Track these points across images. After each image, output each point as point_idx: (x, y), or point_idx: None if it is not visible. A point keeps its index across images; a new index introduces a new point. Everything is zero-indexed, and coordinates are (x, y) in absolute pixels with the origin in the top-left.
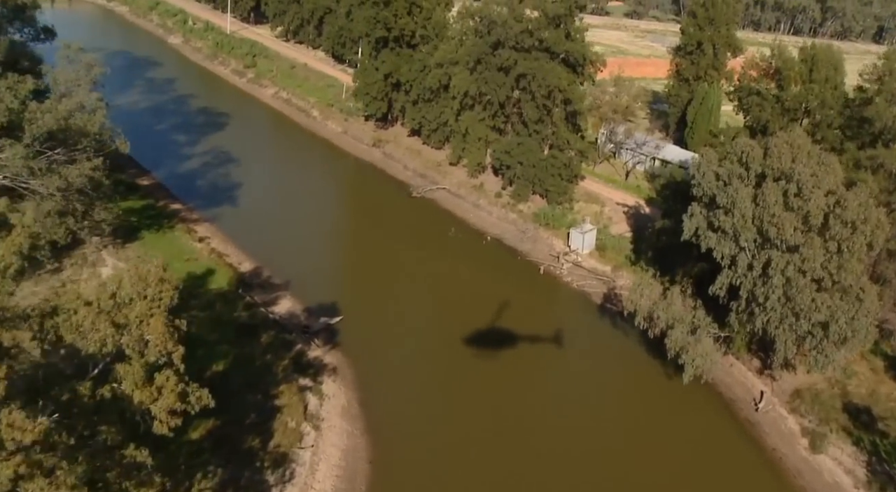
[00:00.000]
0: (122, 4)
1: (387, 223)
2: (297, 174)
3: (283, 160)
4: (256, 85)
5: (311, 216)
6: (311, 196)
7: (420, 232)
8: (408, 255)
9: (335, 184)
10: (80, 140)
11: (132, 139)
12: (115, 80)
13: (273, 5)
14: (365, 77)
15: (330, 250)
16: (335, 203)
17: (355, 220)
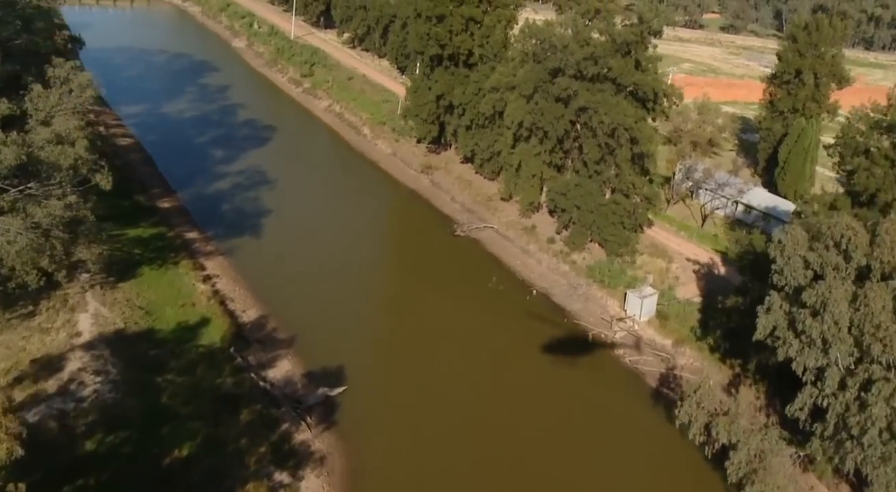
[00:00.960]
0: (195, 4)
1: (422, 266)
2: (334, 202)
3: (321, 184)
4: (311, 96)
5: (337, 254)
6: (343, 229)
7: (457, 279)
8: (439, 307)
9: (373, 215)
10: (54, 174)
11: (166, 154)
12: (168, 85)
13: (340, 11)
14: (416, 97)
15: (351, 297)
16: (368, 239)
17: (387, 260)
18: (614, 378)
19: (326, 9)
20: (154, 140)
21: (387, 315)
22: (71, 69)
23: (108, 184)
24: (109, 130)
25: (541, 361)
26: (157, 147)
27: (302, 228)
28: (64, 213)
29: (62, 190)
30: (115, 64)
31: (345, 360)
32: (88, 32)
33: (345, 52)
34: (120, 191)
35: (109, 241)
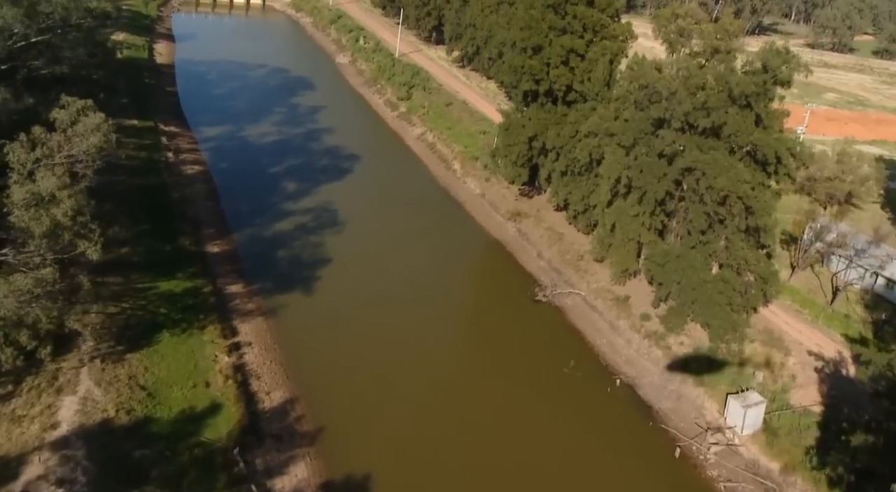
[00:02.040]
0: (307, 15)
1: (492, 340)
2: (405, 252)
3: (396, 229)
4: (405, 122)
5: (396, 318)
6: (408, 287)
7: (530, 358)
8: (503, 395)
9: (446, 271)
10: (28, 242)
11: (234, 185)
12: (258, 104)
13: (450, 28)
14: (508, 136)
15: (401, 376)
16: (436, 301)
17: (452, 329)
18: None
19: (439, 23)
20: (225, 168)
21: (438, 401)
22: (82, 108)
23: (96, 253)
24: (179, 157)
25: (614, 476)
26: (226, 176)
27: (362, 283)
28: (35, 288)
29: (42, 258)
30: (209, 79)
31: (378, 465)
32: (194, 43)
33: (450, 72)
34: (165, 232)
35: (132, 298)
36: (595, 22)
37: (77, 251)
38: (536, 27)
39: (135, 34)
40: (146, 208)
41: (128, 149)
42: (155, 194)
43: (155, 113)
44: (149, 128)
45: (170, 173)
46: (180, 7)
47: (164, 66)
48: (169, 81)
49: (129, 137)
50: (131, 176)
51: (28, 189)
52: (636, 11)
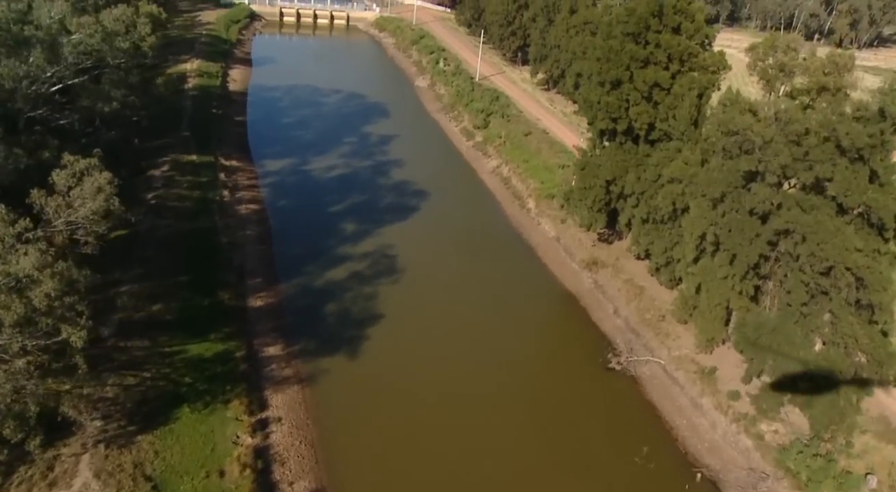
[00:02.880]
0: (390, 35)
1: (556, 415)
2: (467, 306)
3: (458, 279)
4: (480, 153)
5: (449, 389)
6: (466, 350)
7: (597, 441)
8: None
9: (512, 329)
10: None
11: (289, 227)
12: (327, 134)
13: (535, 48)
14: (583, 177)
15: (448, 462)
16: (497, 366)
17: (512, 400)
18: None
19: (524, 43)
20: (283, 206)
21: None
22: (87, 167)
23: (81, 341)
24: (236, 194)
25: None
26: (282, 217)
27: (415, 345)
28: (5, 384)
29: (21, 344)
30: (280, 106)
31: None
32: (271, 68)
33: (533, 96)
34: (206, 284)
35: (155, 365)
36: (682, 51)
37: (59, 338)
38: (615, 59)
39: (210, 61)
40: (190, 256)
41: (181, 187)
42: (202, 239)
43: (218, 146)
44: (208, 163)
45: (222, 214)
46: (262, 29)
47: (235, 94)
48: (238, 110)
49: (185, 174)
50: (179, 219)
51: (1, 270)
52: (741, 24)
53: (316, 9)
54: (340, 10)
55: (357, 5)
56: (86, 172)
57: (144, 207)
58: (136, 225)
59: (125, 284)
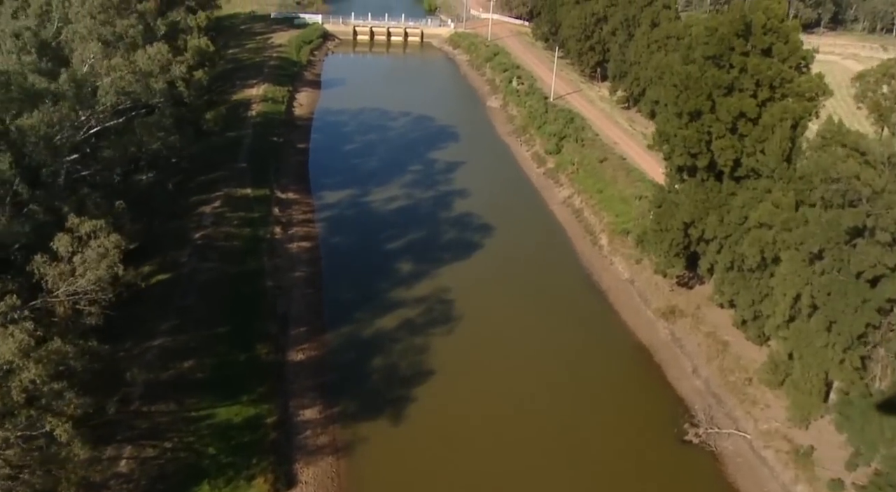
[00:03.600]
0: (464, 53)
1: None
2: (526, 361)
3: (519, 328)
4: (551, 181)
5: (503, 465)
6: (524, 415)
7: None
8: None
9: (576, 389)
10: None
11: (342, 268)
12: (391, 161)
13: (614, 65)
14: (660, 216)
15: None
16: (558, 435)
17: (570, 473)
18: None
19: (603, 59)
20: (337, 244)
21: None
22: (93, 229)
23: (66, 434)
24: (289, 231)
25: None
26: (335, 256)
27: (467, 408)
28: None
29: (3, 437)
30: (345, 132)
31: None
32: (339, 90)
33: (611, 117)
34: (245, 336)
35: (178, 432)
36: (773, 76)
37: (41, 430)
38: (694, 86)
39: (277, 85)
40: (232, 303)
41: (231, 225)
42: (247, 283)
43: (275, 177)
44: (262, 197)
45: (272, 254)
46: (335, 49)
47: (300, 119)
48: (302, 137)
49: (237, 210)
50: (225, 261)
51: None
52: (845, 27)
53: (390, 26)
54: (414, 27)
55: (432, 21)
56: (92, 235)
57: (190, 248)
58: (179, 268)
59: (159, 338)
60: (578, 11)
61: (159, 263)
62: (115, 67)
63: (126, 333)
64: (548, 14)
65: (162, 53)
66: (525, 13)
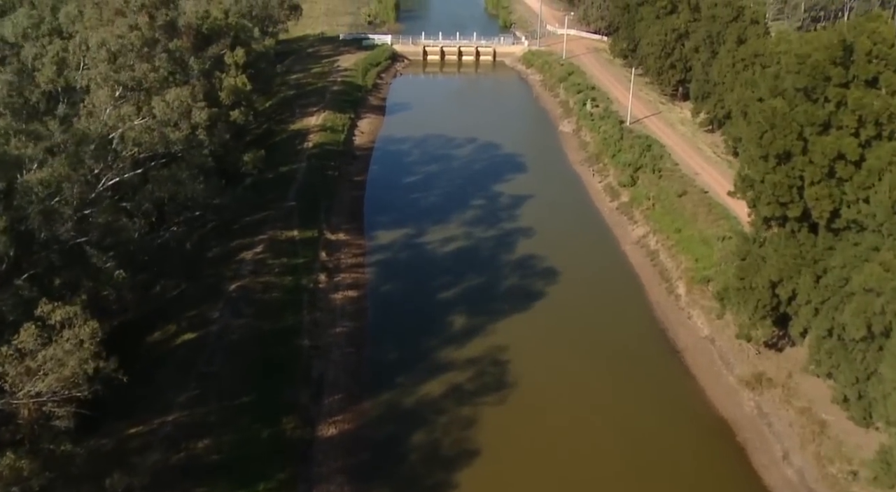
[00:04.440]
0: (537, 72)
1: None
2: (585, 439)
3: (581, 395)
4: (624, 217)
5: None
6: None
7: None
8: None
9: (642, 475)
10: None
11: (389, 321)
12: (452, 196)
13: (696, 85)
14: (742, 272)
15: None
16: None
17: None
18: None
19: (686, 77)
20: (386, 293)
21: None
22: (67, 317)
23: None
24: (335, 278)
25: None
26: (382, 307)
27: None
28: None
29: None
30: (406, 162)
31: None
32: (404, 115)
33: (693, 142)
34: (270, 407)
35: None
36: (880, 111)
37: None
38: (783, 124)
39: (338, 112)
40: (262, 367)
41: (271, 273)
42: (281, 342)
43: (326, 216)
44: (309, 239)
45: (313, 307)
46: (404, 70)
47: (360, 149)
48: (360, 168)
49: (280, 255)
50: (260, 316)
51: None
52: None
53: (461, 45)
54: (486, 46)
55: (505, 39)
56: (66, 324)
57: (224, 302)
58: (208, 325)
59: (174, 412)
60: (658, 27)
61: (189, 320)
62: (125, 117)
63: (139, 406)
64: (626, 30)
65: (181, 99)
66: (603, 27)
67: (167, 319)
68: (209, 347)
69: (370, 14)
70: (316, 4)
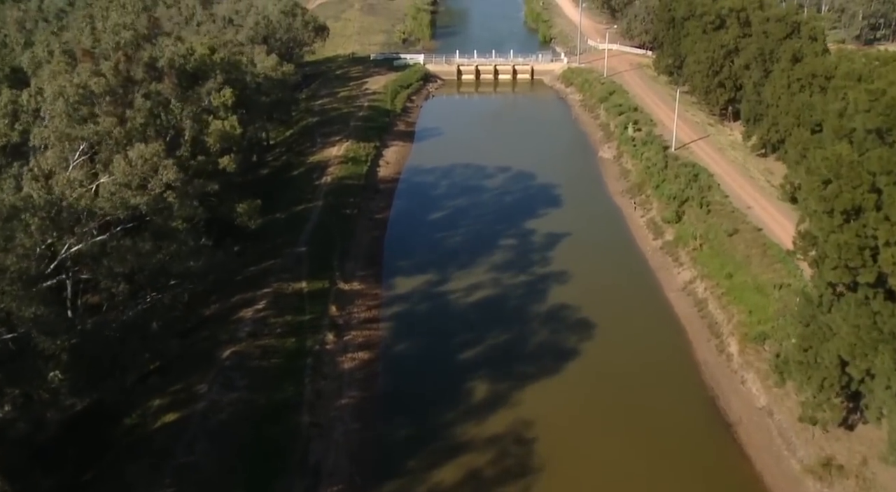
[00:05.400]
0: (577, 91)
1: None
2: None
3: (616, 480)
4: (669, 258)
5: None
6: None
7: None
8: None
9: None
10: None
11: (405, 386)
12: (480, 235)
13: (747, 106)
14: (806, 341)
15: None
16: None
17: None
18: None
19: (735, 96)
20: (401, 354)
21: None
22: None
23: None
24: (345, 337)
25: None
26: (396, 372)
27: None
28: None
29: None
30: (433, 195)
31: None
32: (434, 141)
33: (744, 169)
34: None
35: None
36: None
37: None
38: (851, 174)
39: (362, 141)
40: (252, 452)
41: (273, 334)
42: (277, 420)
43: (340, 262)
44: (319, 291)
45: (316, 374)
46: (436, 91)
47: (384, 181)
48: (382, 204)
49: (284, 312)
50: (255, 388)
51: None
52: None
53: (497, 64)
54: (524, 64)
55: (543, 56)
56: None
57: (215, 371)
58: (194, 402)
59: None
60: (705, 43)
61: (173, 396)
62: (74, 183)
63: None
64: (671, 46)
65: (145, 157)
66: (647, 41)
67: (150, 393)
68: (192, 430)
69: (404, 31)
70: (350, 22)
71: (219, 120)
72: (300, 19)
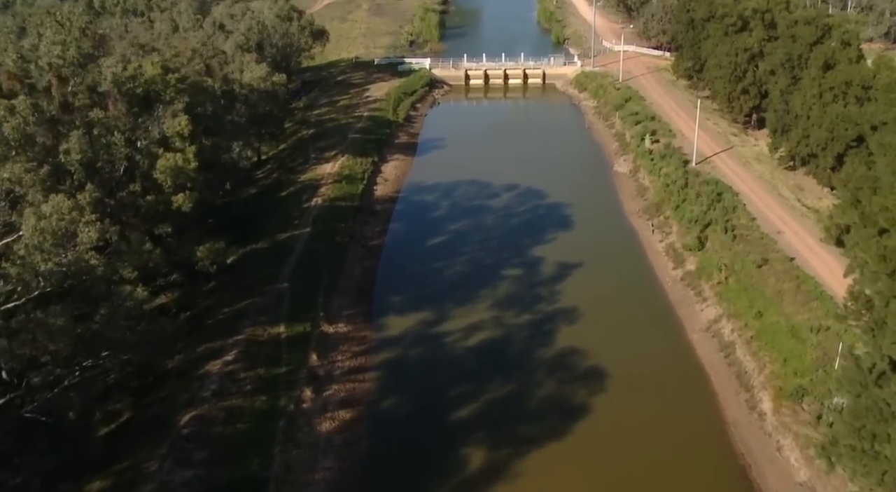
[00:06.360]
0: (590, 97)
1: None
2: None
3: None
4: (691, 292)
5: None
6: None
7: None
8: None
9: None
10: None
11: (391, 455)
12: (483, 264)
13: (774, 117)
14: (859, 419)
15: None
16: None
17: None
18: None
19: (760, 104)
20: (388, 413)
21: None
22: None
23: None
24: (323, 392)
25: None
26: (382, 436)
27: None
28: None
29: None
30: (432, 218)
31: None
32: (437, 154)
33: (772, 185)
34: None
35: None
36: None
37: None
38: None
39: (359, 156)
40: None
41: (241, 393)
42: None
43: (326, 299)
44: (299, 336)
45: (288, 441)
46: (443, 97)
47: (380, 202)
48: (376, 229)
49: (257, 363)
50: (215, 461)
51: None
52: None
53: (506, 68)
54: (535, 68)
55: (555, 59)
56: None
57: (170, 442)
58: (141, 484)
59: None
60: (727, 46)
61: (116, 477)
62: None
63: None
64: (690, 49)
65: (62, 211)
66: (665, 42)
67: (86, 474)
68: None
69: (411, 33)
70: (356, 24)
71: (171, 152)
72: (296, 24)
